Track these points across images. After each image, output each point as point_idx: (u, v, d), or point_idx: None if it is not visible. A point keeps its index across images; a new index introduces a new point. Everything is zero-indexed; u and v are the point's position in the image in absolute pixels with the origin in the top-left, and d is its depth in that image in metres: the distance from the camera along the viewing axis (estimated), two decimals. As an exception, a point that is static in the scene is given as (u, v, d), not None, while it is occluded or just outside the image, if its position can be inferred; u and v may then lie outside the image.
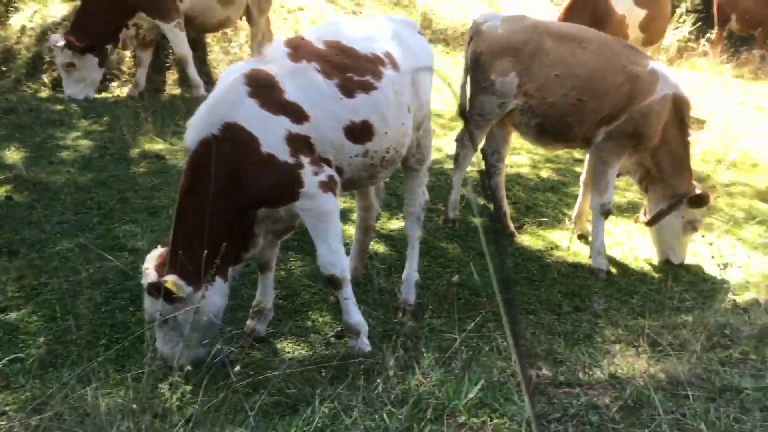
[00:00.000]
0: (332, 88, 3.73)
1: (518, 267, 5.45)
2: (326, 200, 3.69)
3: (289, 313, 4.56)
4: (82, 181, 5.87)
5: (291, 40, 3.95)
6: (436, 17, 12.28)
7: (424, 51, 4.41)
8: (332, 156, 3.77)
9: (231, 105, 3.55)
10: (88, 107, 7.69)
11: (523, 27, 5.54)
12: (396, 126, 3.97)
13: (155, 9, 7.70)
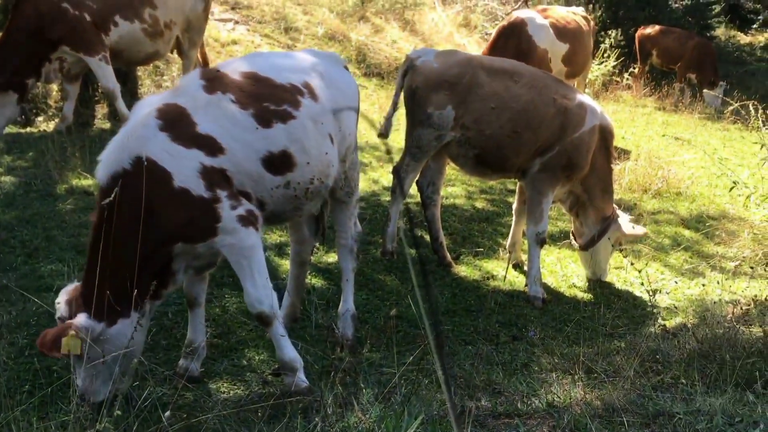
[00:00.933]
0: (248, 118, 3.68)
1: (456, 297, 5.49)
2: (247, 235, 3.62)
3: (224, 351, 4.44)
4: (5, 219, 5.64)
5: (206, 72, 3.91)
6: (370, 52, 12.47)
7: (347, 84, 4.36)
8: (251, 189, 3.70)
9: (142, 139, 3.48)
10: (12, 141, 7.42)
11: (458, 61, 5.66)
12: (318, 156, 3.94)
13: (79, 42, 7.49)
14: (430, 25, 14.62)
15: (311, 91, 3.97)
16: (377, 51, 12.60)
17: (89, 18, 7.53)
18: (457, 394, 3.62)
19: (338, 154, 4.15)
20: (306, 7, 12.89)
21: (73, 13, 7.44)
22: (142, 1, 7.87)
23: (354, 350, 4.35)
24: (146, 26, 7.91)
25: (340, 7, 13.12)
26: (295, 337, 4.57)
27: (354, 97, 4.37)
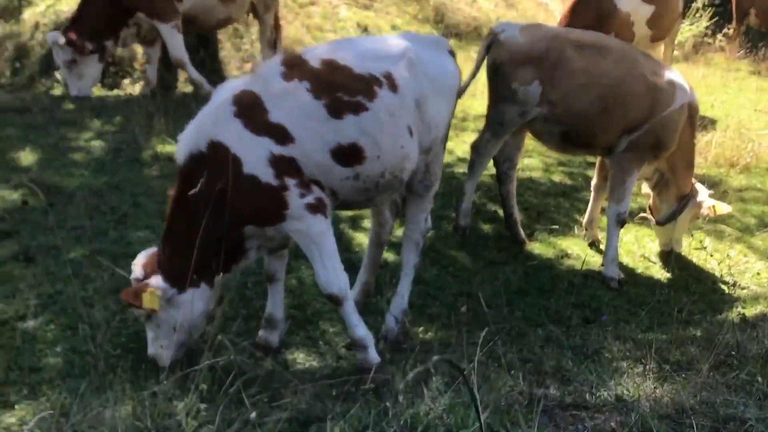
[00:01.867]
0: (320, 108, 3.68)
1: (528, 276, 5.47)
2: (315, 222, 3.72)
3: (300, 323, 4.61)
4: (96, 185, 5.93)
5: (288, 58, 3.92)
6: (448, 11, 12.24)
7: (442, 72, 4.18)
8: (322, 178, 3.75)
9: (217, 124, 3.62)
10: (100, 105, 7.75)
11: (544, 36, 5.52)
12: (391, 149, 3.88)
13: (153, 10, 7.72)
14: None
15: (392, 81, 3.89)
16: (456, 10, 12.36)
17: None
18: (526, 380, 3.65)
19: (419, 147, 4.07)
20: (385, -35, 12.70)
21: None
22: None
23: (395, 346, 4.32)
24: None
25: (419, -35, 12.87)
26: (369, 312, 4.72)
27: (449, 85, 4.22)
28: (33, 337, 4.13)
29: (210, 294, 3.82)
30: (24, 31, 9.22)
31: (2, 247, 4.95)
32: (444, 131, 4.27)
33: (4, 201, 5.51)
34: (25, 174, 5.92)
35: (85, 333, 4.10)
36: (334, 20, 10.85)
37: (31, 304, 4.39)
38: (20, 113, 7.29)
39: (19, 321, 4.25)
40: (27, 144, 6.55)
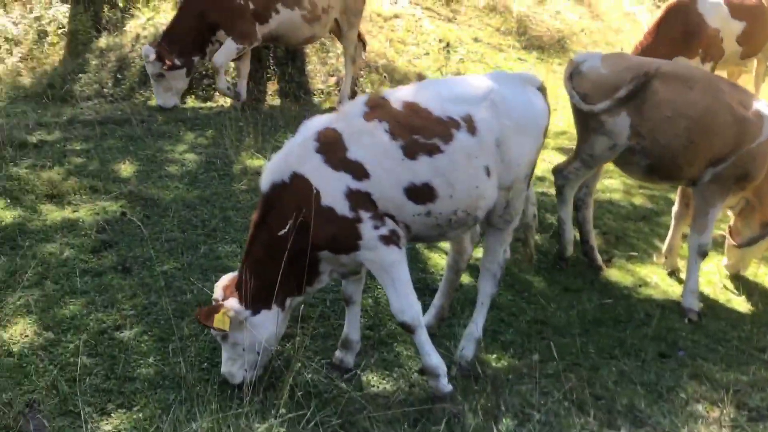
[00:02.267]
0: (396, 148, 3.86)
1: (604, 305, 5.44)
2: (388, 252, 3.89)
3: (374, 344, 4.75)
4: (189, 198, 6.27)
5: (371, 99, 4.10)
6: (531, 23, 12.16)
7: (528, 111, 4.22)
8: (395, 213, 3.92)
9: (300, 158, 3.88)
10: (194, 118, 8.15)
11: (628, 67, 5.46)
12: (465, 189, 3.99)
13: (233, 29, 8.05)
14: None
15: (471, 124, 4.01)
16: (539, 22, 12.27)
17: (252, 7, 8.04)
18: (597, 419, 3.68)
19: (499, 184, 4.16)
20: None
21: (238, 2, 7.98)
22: None
23: (468, 373, 4.38)
24: (305, 12, 8.28)
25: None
26: (442, 336, 4.83)
27: (534, 124, 4.25)
28: (128, 347, 4.43)
29: (282, 316, 4.06)
30: (126, 43, 9.77)
31: (102, 258, 5.32)
32: (527, 169, 4.31)
33: (105, 212, 5.90)
34: (124, 185, 6.32)
35: (176, 346, 4.41)
36: (417, 33, 10.97)
37: (127, 314, 4.72)
38: (120, 124, 7.75)
39: (116, 331, 4.57)
40: (127, 155, 6.97)
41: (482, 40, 11.47)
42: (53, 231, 5.56)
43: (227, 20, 8.04)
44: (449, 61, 10.33)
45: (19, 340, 4.39)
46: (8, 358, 4.23)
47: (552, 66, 11.53)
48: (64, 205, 5.97)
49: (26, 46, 10.46)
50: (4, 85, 9.42)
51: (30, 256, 5.20)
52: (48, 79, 9.27)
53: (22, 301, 4.71)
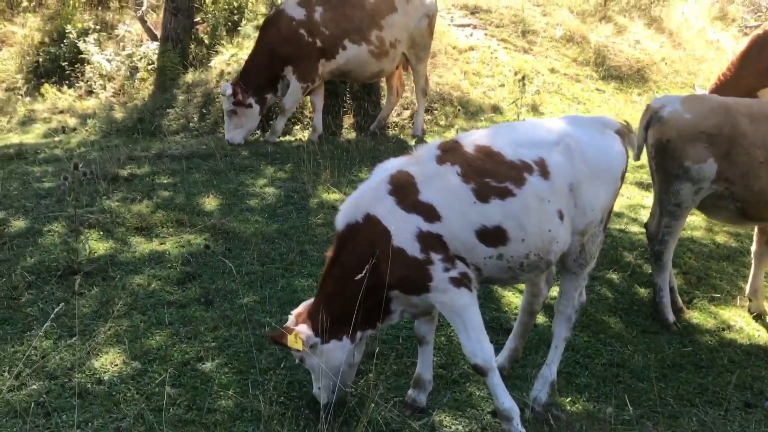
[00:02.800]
0: (467, 191, 3.93)
1: (685, 349, 5.29)
2: (459, 295, 3.95)
3: (447, 383, 4.77)
4: (268, 232, 6.48)
5: (444, 143, 4.20)
6: (610, 53, 12.03)
7: (604, 156, 4.21)
8: (466, 255, 3.97)
9: (374, 200, 4.01)
10: (275, 152, 8.43)
11: (713, 109, 5.32)
12: (537, 233, 4.01)
13: (300, 67, 8.37)
14: (679, 20, 13.66)
15: (543, 168, 4.03)
16: (617, 52, 12.12)
17: (319, 44, 8.29)
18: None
19: (573, 229, 4.16)
20: (545, 8, 12.73)
21: (306, 40, 8.27)
22: (369, 25, 8.47)
23: (542, 417, 4.33)
24: (373, 48, 8.51)
25: (581, 6, 12.77)
26: (515, 377, 4.81)
27: (610, 169, 4.23)
28: (209, 379, 4.61)
29: (351, 348, 4.20)
30: (211, 79, 10.24)
31: (187, 290, 5.57)
32: (602, 214, 4.27)
33: (190, 245, 6.18)
34: (208, 218, 6.60)
35: (255, 379, 4.56)
36: (492, 65, 11.03)
37: (209, 346, 4.91)
38: (205, 158, 8.11)
39: (198, 362, 4.77)
40: (210, 189, 7.28)
41: (559, 71, 11.42)
42: (142, 263, 5.86)
43: (296, 57, 8.38)
44: (525, 93, 10.31)
45: (109, 369, 4.64)
46: (99, 386, 4.47)
47: (631, 96, 11.36)
48: (152, 238, 6.29)
49: (118, 81, 11.14)
50: (99, 119, 10.03)
51: (120, 287, 5.50)
52: (138, 114, 9.82)
53: (112, 331, 4.98)
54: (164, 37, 10.92)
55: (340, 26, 8.39)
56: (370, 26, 8.47)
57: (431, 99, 9.95)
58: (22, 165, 8.16)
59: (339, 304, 4.09)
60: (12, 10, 13.09)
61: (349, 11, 8.45)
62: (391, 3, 8.60)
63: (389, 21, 8.54)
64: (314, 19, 8.35)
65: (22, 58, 11.82)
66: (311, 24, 8.34)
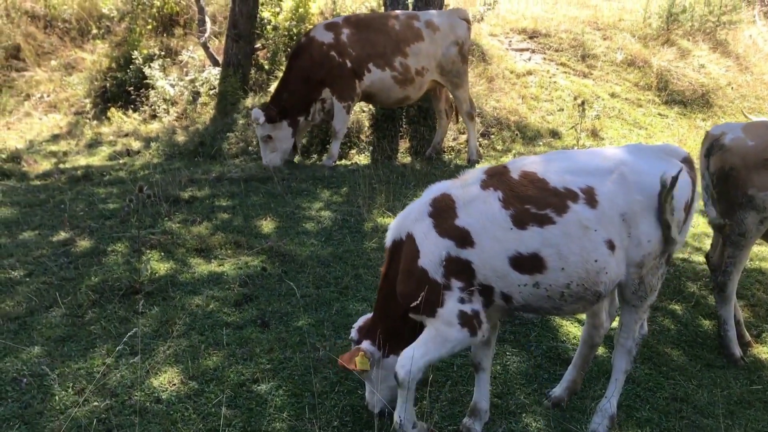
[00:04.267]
0: (506, 217, 3.93)
1: (753, 385, 5.07)
2: (456, 333, 3.99)
3: (502, 413, 4.67)
4: (323, 255, 6.52)
5: (492, 168, 4.20)
6: (672, 77, 11.78)
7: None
8: (495, 283, 3.97)
9: (415, 220, 4.09)
10: (331, 176, 8.52)
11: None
12: (580, 262, 3.91)
13: (337, 87, 8.56)
14: (747, 43, 13.30)
15: (590, 196, 3.94)
16: (680, 77, 11.86)
17: (350, 65, 8.47)
18: None
19: (628, 260, 4.05)
20: (606, 32, 12.58)
21: (337, 61, 8.45)
22: (393, 51, 8.59)
23: None
24: (396, 74, 8.61)
25: (643, 31, 12.57)
26: (574, 409, 4.68)
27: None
28: (264, 401, 4.64)
29: None
30: (267, 103, 10.43)
31: (244, 311, 5.64)
32: (661, 246, 4.10)
33: (247, 267, 6.27)
34: (265, 241, 6.69)
35: (309, 402, 4.57)
36: (551, 89, 10.93)
37: (264, 368, 4.95)
38: (263, 182, 8.26)
39: (254, 384, 4.80)
40: (268, 212, 7.39)
41: (620, 96, 11.24)
42: (200, 284, 5.97)
43: (331, 77, 8.56)
44: (584, 118, 10.17)
45: (167, 388, 4.71)
46: (158, 404, 4.55)
47: (695, 121, 11.09)
48: (211, 259, 6.40)
49: (181, 106, 11.47)
50: (161, 142, 10.33)
51: (179, 308, 5.61)
52: (199, 138, 10.07)
53: (171, 351, 5.07)
54: (226, 63, 11.22)
55: (365, 50, 8.58)
56: (394, 52, 8.61)
57: (488, 123, 9.92)
58: (88, 186, 8.46)
59: (390, 318, 4.24)
60: (82, 38, 13.68)
61: (373, 36, 8.63)
62: (417, 31, 8.71)
63: (415, 49, 8.65)
64: (342, 40, 8.58)
65: (91, 83, 12.31)
66: (339, 45, 8.57)
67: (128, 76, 11.91)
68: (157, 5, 13.03)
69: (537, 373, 5.06)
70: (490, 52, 11.41)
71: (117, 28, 13.25)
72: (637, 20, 12.89)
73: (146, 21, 12.89)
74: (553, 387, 4.81)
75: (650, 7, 12.85)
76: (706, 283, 6.36)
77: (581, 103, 9.73)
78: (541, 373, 5.06)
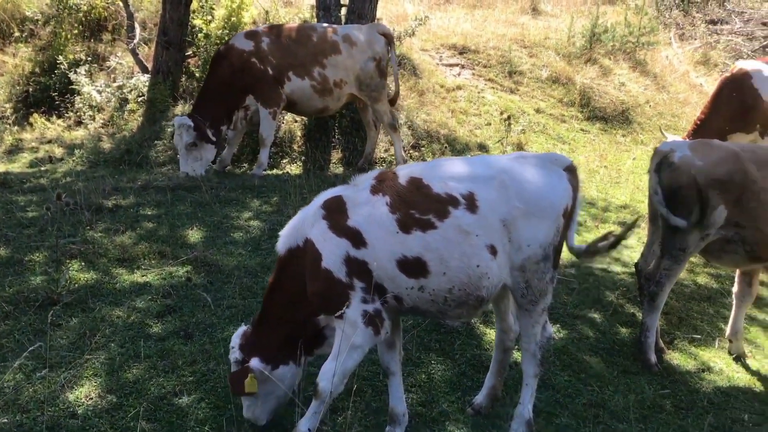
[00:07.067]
0: (392, 221, 4.04)
1: (665, 390, 5.28)
2: (362, 334, 4.06)
3: (426, 421, 4.72)
4: (251, 265, 6.46)
5: (381, 173, 4.30)
6: (595, 95, 12.23)
7: (543, 194, 4.14)
8: (388, 285, 4.08)
9: (311, 224, 4.14)
10: (261, 186, 8.46)
11: (724, 157, 5.35)
12: (462, 267, 4.01)
13: (261, 94, 8.63)
14: (664, 63, 13.95)
15: (471, 201, 4.03)
16: (602, 94, 12.33)
17: (271, 72, 8.56)
18: None
19: (509, 264, 4.11)
20: (532, 50, 12.97)
21: (259, 67, 8.53)
22: (312, 61, 8.70)
23: None
24: (315, 83, 8.71)
25: (567, 49, 13.01)
26: (495, 416, 4.77)
27: (550, 207, 4.15)
28: (185, 414, 4.55)
29: (297, 371, 4.36)
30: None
31: (166, 323, 5.52)
32: (543, 250, 4.16)
33: (172, 277, 6.14)
34: (191, 251, 6.57)
35: (231, 414, 4.50)
36: (479, 104, 11.17)
37: (186, 380, 4.86)
38: (191, 191, 8.12)
39: (175, 397, 4.71)
40: (195, 221, 7.27)
41: (545, 111, 11.58)
42: (122, 295, 5.82)
43: (254, 84, 8.62)
44: (510, 132, 10.44)
45: (84, 402, 4.57)
46: (73, 419, 4.40)
47: (616, 137, 11.53)
48: (134, 269, 6.25)
49: (108, 112, 11.17)
50: (86, 149, 10.03)
51: (99, 319, 5.45)
52: (126, 145, 9.83)
53: (89, 364, 4.92)
54: (155, 70, 11.00)
55: (285, 59, 8.68)
56: (312, 63, 8.72)
57: (419, 136, 10.05)
58: (6, 194, 8.13)
59: (281, 328, 4.24)
60: (3, 40, 13.16)
61: (293, 47, 8.74)
62: (334, 44, 8.82)
63: (332, 61, 8.76)
64: (262, 48, 8.66)
65: (12, 88, 11.85)
66: (260, 53, 8.63)
67: (53, 81, 11.53)
68: (84, 10, 12.68)
69: (461, 380, 5.13)
70: (422, 66, 11.59)
71: (41, 31, 12.81)
72: (562, 39, 13.34)
73: (72, 25, 12.52)
74: (476, 395, 4.89)
75: (574, 26, 13.31)
76: (624, 292, 6.61)
77: (507, 118, 10.00)
78: (465, 380, 5.14)
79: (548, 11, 15.62)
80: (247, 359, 4.26)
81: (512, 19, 14.49)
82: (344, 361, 4.06)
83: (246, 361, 4.25)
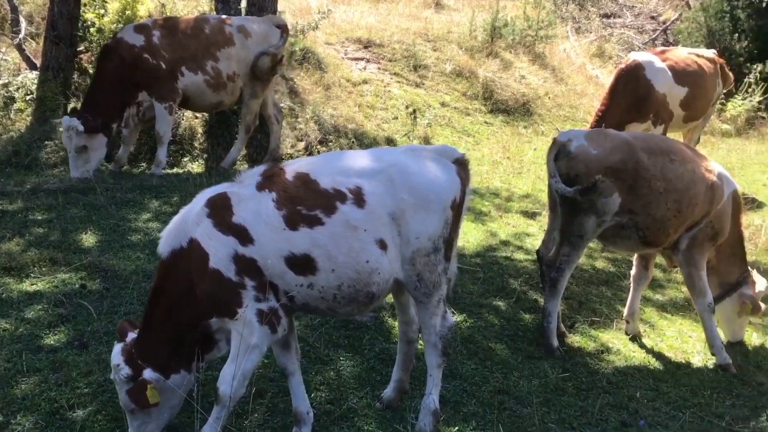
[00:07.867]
0: (278, 218, 3.94)
1: (567, 373, 5.44)
2: (258, 334, 3.94)
3: (335, 419, 4.67)
4: (150, 269, 6.20)
5: (267, 169, 4.18)
6: (497, 88, 12.50)
7: (432, 186, 4.14)
8: (279, 283, 3.97)
9: (194, 223, 3.98)
10: (161, 185, 8.15)
11: (618, 146, 5.55)
12: (350, 263, 3.96)
13: (155, 89, 8.36)
14: (561, 56, 14.42)
15: (359, 196, 3.99)
16: (504, 87, 12.62)
17: (164, 66, 8.32)
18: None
19: (401, 259, 4.10)
20: (436, 43, 13.13)
21: (152, 62, 8.27)
22: (204, 55, 8.50)
23: None
24: (208, 78, 8.52)
25: (470, 43, 13.24)
26: (403, 410, 4.78)
27: (438, 200, 4.14)
28: (81, 428, 4.31)
29: (189, 378, 4.16)
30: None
31: (59, 333, 5.22)
32: (433, 243, 4.15)
33: (64, 285, 5.82)
34: (85, 256, 6.25)
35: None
36: (385, 98, 11.20)
37: (81, 393, 4.61)
38: (84, 193, 7.72)
39: (69, 411, 4.45)
40: (89, 225, 6.92)
41: (449, 105, 11.74)
42: (9, 305, 5.47)
43: (148, 80, 8.31)
44: (416, 126, 10.53)
45: (-34, 423, 4.26)
46: (-47, 443, 4.10)
47: (517, 128, 11.83)
48: (23, 278, 5.89)
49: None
50: (-31, 152, 9.37)
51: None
52: (13, 146, 9.25)
53: (-29, 381, 4.59)
54: (44, 67, 10.39)
55: (177, 53, 8.42)
56: (205, 56, 8.50)
57: (326, 131, 9.97)
58: None
59: (170, 334, 4.03)
60: None
61: (184, 40, 8.48)
62: (228, 36, 8.62)
63: (225, 53, 8.56)
64: (153, 42, 8.37)
65: None
66: (152, 47, 8.34)
67: (-72, 79, 10.71)
68: (-39, 2, 11.86)
69: (370, 375, 5.11)
70: (327, 60, 11.51)
71: None
72: (464, 33, 13.57)
73: (-51, 19, 11.69)
74: (385, 389, 4.88)
75: (476, 20, 13.56)
76: (527, 279, 6.77)
77: (413, 112, 10.07)
78: (373, 375, 5.12)
79: (450, 5, 15.86)
80: (138, 373, 4.01)
81: (416, 12, 14.62)
82: (243, 363, 3.94)
83: (138, 374, 4.01)
